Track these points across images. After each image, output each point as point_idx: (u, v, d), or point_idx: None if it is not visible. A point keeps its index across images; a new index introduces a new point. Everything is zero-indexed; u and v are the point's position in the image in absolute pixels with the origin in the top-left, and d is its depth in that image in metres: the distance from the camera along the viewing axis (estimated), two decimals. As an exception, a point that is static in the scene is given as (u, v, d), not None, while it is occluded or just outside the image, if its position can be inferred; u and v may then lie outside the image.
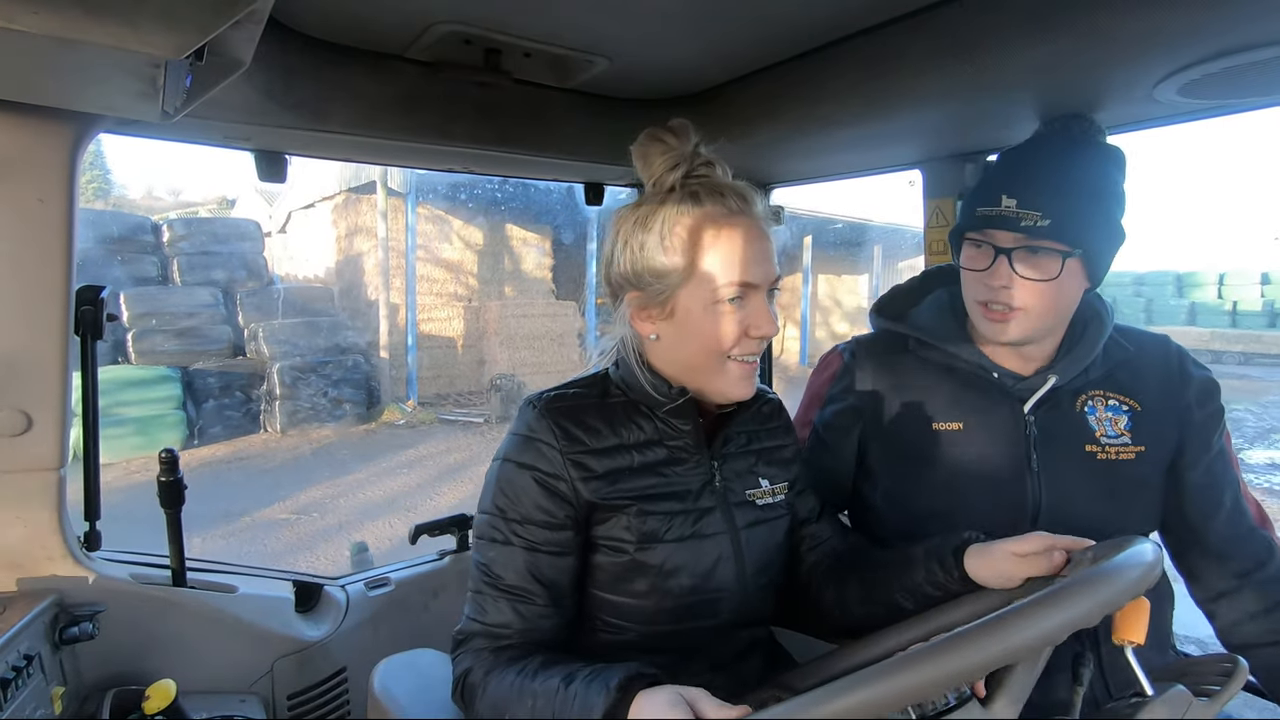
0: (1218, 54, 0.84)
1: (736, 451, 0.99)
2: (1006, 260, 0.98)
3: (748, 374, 0.91)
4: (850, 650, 0.91)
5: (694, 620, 0.91)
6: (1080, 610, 0.57)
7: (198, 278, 8.43)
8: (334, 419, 8.15)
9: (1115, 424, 1.05)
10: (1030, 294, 0.98)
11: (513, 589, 0.86)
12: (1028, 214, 0.96)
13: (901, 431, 1.11)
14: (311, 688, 1.40)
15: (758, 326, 0.87)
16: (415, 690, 0.99)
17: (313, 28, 1.04)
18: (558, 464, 0.87)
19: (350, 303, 9.81)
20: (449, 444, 7.54)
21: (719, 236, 0.86)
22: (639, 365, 0.92)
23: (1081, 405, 1.06)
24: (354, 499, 5.91)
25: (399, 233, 9.29)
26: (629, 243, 0.90)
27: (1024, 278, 0.98)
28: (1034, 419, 1.05)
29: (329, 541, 5.00)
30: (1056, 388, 1.05)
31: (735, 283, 0.86)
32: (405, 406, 8.81)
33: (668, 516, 0.89)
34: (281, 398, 7.89)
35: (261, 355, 8.12)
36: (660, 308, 0.89)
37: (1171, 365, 1.08)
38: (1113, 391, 1.06)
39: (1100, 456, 1.03)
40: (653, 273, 0.88)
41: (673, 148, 0.88)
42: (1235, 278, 17.08)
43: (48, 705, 1.03)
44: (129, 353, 7.62)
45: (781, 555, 1.01)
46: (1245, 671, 0.68)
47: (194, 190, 35.21)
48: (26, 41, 0.60)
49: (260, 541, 5.06)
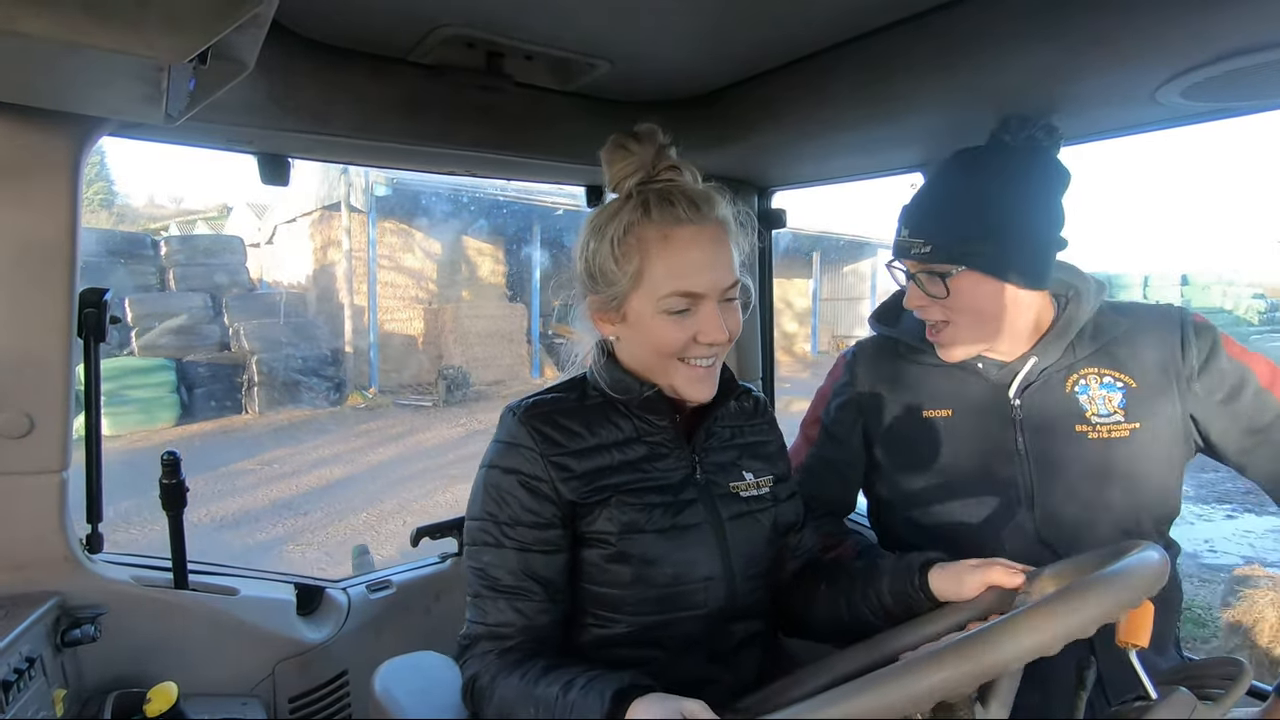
0: (1221, 56, 0.84)
1: (719, 445, 1.00)
2: (916, 283, 1.09)
3: (701, 376, 0.92)
4: (837, 661, 0.90)
5: (679, 610, 0.92)
6: (1089, 614, 0.57)
7: (189, 285, 10.10)
8: (305, 403, 9.69)
9: (1109, 402, 1.06)
10: (945, 309, 1.08)
11: (510, 589, 0.88)
12: (915, 242, 1.07)
13: (897, 422, 1.19)
14: (313, 690, 1.40)
15: (705, 334, 0.89)
16: (418, 693, 0.99)
17: (316, 31, 1.05)
18: (538, 466, 0.89)
19: (326, 306, 11.41)
20: (397, 421, 9.18)
21: (665, 245, 0.87)
22: (604, 364, 0.96)
23: (1073, 385, 1.08)
24: (308, 457, 7.51)
25: (363, 245, 10.84)
26: (585, 247, 0.93)
27: (932, 296, 1.07)
28: (1019, 403, 1.09)
29: (284, 481, 6.70)
30: (1045, 369, 1.08)
31: (678, 292, 0.87)
32: (367, 393, 10.38)
33: (648, 508, 0.91)
34: (260, 384, 9.40)
35: (243, 349, 9.62)
36: (615, 311, 0.92)
37: (1172, 333, 1.06)
38: (1106, 368, 1.08)
39: (1091, 436, 1.05)
40: (605, 279, 0.91)
41: (633, 154, 0.90)
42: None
43: (49, 708, 1.03)
44: (133, 347, 9.22)
45: (771, 547, 1.02)
46: (1249, 675, 0.68)
47: (195, 198, 36.96)
48: (30, 45, 0.60)
49: (231, 481, 6.62)
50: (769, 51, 1.15)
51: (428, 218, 11.51)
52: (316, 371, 9.92)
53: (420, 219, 11.51)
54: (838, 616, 1.00)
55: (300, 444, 7.94)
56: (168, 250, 10.46)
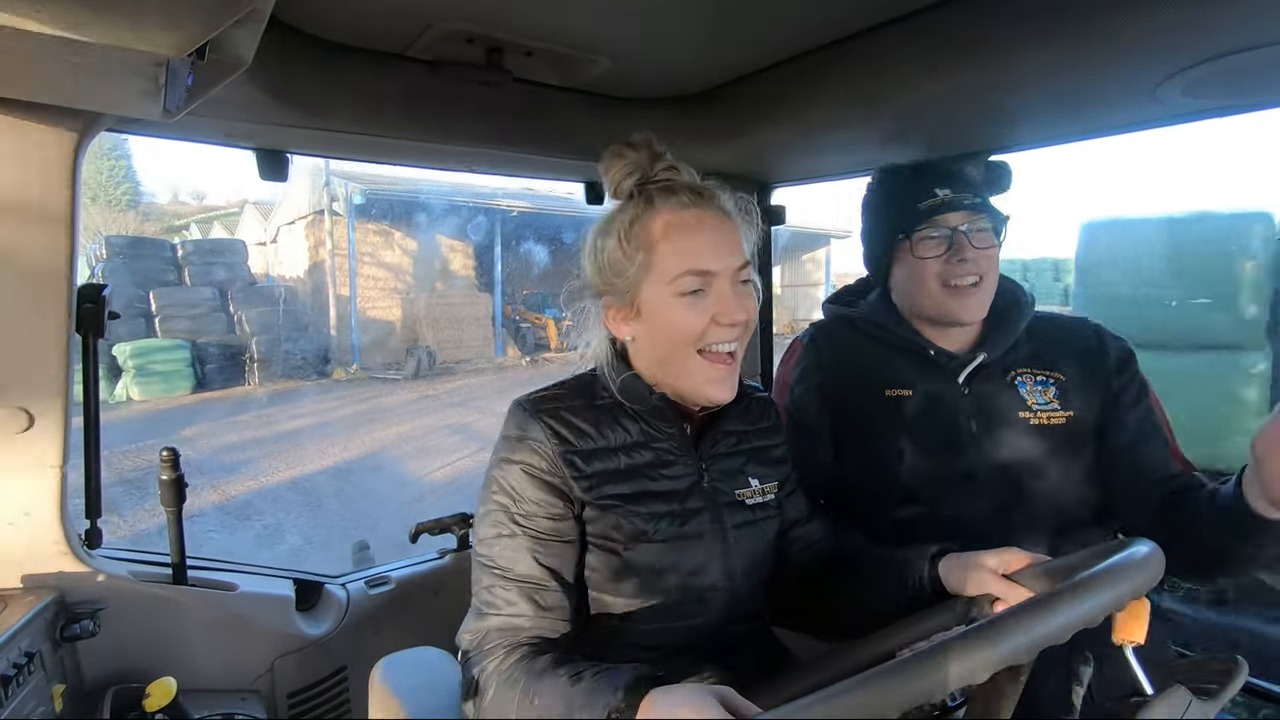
0: (1221, 53, 0.84)
1: (726, 452, 1.00)
2: (965, 237, 1.14)
3: (723, 375, 0.91)
4: (838, 655, 0.90)
5: (684, 619, 0.92)
6: (1084, 610, 0.57)
7: (202, 281, 12.67)
8: (296, 376, 12.01)
9: (1045, 394, 1.17)
10: (988, 263, 1.14)
11: (525, 578, 0.87)
12: (964, 196, 1.15)
13: (861, 400, 1.24)
14: (312, 686, 1.41)
15: (724, 313, 0.88)
16: (417, 688, 0.99)
17: (314, 26, 1.04)
18: (552, 460, 0.90)
19: (318, 297, 13.56)
20: (369, 390, 11.58)
21: (672, 228, 0.88)
22: (610, 368, 0.95)
23: (1011, 380, 1.18)
24: (292, 413, 9.86)
25: (345, 244, 13.10)
26: (593, 249, 0.95)
27: (978, 249, 1.13)
28: (968, 390, 1.18)
29: (273, 424, 9.25)
30: (986, 364, 1.18)
31: (691, 270, 0.87)
32: (350, 369, 12.68)
33: (654, 517, 0.91)
34: (259, 361, 11.81)
35: (246, 333, 12.10)
36: (629, 307, 0.92)
37: (1090, 340, 1.20)
38: (1038, 369, 1.19)
39: (1033, 422, 1.15)
40: (615, 271, 0.92)
41: (630, 159, 0.92)
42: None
43: (48, 703, 1.03)
44: (156, 330, 11.69)
45: (772, 554, 1.02)
46: (1245, 671, 0.68)
47: (216, 194, 39.02)
48: (29, 40, 0.60)
49: (240, 432, 8.83)
50: (768, 48, 1.14)
51: (405, 220, 13.67)
52: (306, 351, 12.33)
53: (398, 221, 13.62)
54: (848, 608, 0.99)
55: (288, 406, 10.47)
56: (183, 253, 13.09)
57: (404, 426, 8.96)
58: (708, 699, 0.64)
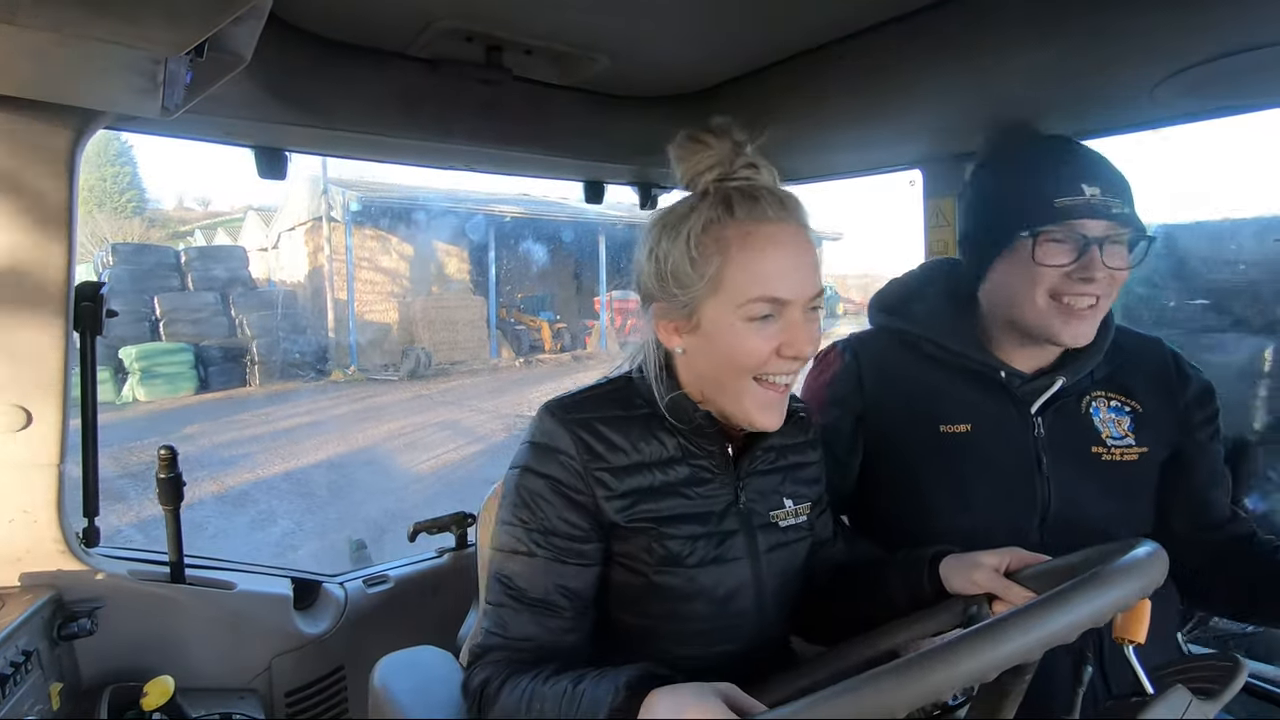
0: (1220, 54, 0.84)
1: (764, 469, 0.94)
2: (1099, 251, 0.92)
3: (774, 401, 0.84)
4: (838, 654, 0.90)
5: (710, 645, 0.89)
6: (1093, 609, 0.57)
7: (204, 286, 12.90)
8: (295, 377, 12.30)
9: (1119, 425, 1.03)
10: (1112, 285, 0.95)
11: (537, 602, 0.83)
12: (1114, 202, 0.92)
13: (908, 435, 1.08)
14: (310, 685, 1.40)
15: (791, 345, 0.80)
16: (417, 688, 0.99)
17: (313, 24, 1.04)
18: (580, 477, 0.83)
19: (317, 301, 13.84)
20: (366, 390, 11.93)
21: (749, 245, 0.79)
22: (658, 382, 0.88)
23: (1086, 407, 1.04)
24: (290, 412, 10.19)
25: (343, 250, 13.39)
26: (655, 250, 0.85)
27: (1110, 268, 0.93)
28: (1041, 421, 1.03)
29: (271, 422, 9.51)
30: (1063, 389, 1.03)
31: (764, 297, 0.78)
32: (347, 371, 12.89)
33: (690, 540, 0.86)
34: (260, 363, 12.14)
35: (247, 336, 12.36)
36: (686, 320, 0.83)
37: (1168, 367, 1.07)
38: (1114, 392, 1.05)
39: (1105, 458, 1.02)
40: (678, 282, 0.82)
41: (710, 148, 0.82)
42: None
43: (46, 701, 1.03)
44: (161, 334, 12.01)
45: (800, 579, 0.97)
46: (1245, 671, 0.68)
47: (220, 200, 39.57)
48: (28, 38, 0.60)
49: (240, 430, 9.15)
50: (768, 47, 1.14)
51: (401, 226, 14.04)
52: (306, 353, 12.68)
53: (394, 227, 13.99)
54: (850, 616, 0.96)
55: (286, 405, 10.83)
56: (186, 259, 13.39)
57: (396, 424, 9.23)
58: (711, 697, 0.63)
